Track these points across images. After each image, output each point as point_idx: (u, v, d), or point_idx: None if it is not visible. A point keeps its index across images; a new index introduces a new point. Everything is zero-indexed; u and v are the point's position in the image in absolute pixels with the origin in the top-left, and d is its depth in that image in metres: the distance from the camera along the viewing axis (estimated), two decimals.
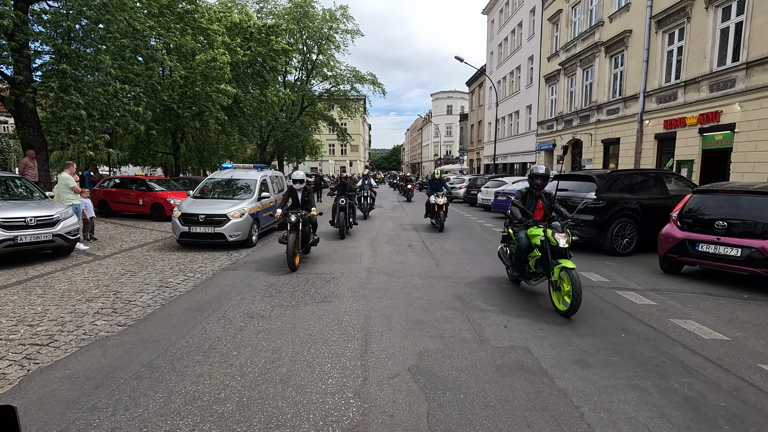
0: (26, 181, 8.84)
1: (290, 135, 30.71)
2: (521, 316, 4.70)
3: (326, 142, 60.06)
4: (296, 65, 31.29)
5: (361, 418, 2.75)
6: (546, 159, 25.80)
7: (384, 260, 7.78)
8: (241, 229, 8.74)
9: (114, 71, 12.16)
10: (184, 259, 7.76)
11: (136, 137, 19.90)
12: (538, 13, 26.88)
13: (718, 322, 4.52)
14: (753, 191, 5.89)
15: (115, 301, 5.25)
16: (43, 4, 12.66)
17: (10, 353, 3.74)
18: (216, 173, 11.14)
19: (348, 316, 4.71)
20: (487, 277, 6.50)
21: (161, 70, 16.78)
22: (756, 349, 3.82)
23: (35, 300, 5.23)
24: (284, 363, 3.54)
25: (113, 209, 14.23)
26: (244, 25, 20.25)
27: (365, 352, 3.77)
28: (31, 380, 3.27)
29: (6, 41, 10.99)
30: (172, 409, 2.84)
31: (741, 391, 3.09)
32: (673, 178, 9.39)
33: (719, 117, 12.94)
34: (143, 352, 3.76)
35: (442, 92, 75.58)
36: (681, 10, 14.43)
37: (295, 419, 2.73)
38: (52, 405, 2.91)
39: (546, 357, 3.65)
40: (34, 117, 12.25)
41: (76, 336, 4.14)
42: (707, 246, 5.98)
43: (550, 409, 2.84)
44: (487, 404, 2.90)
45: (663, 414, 2.78)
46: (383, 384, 3.19)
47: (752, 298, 5.41)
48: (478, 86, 42.81)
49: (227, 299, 5.35)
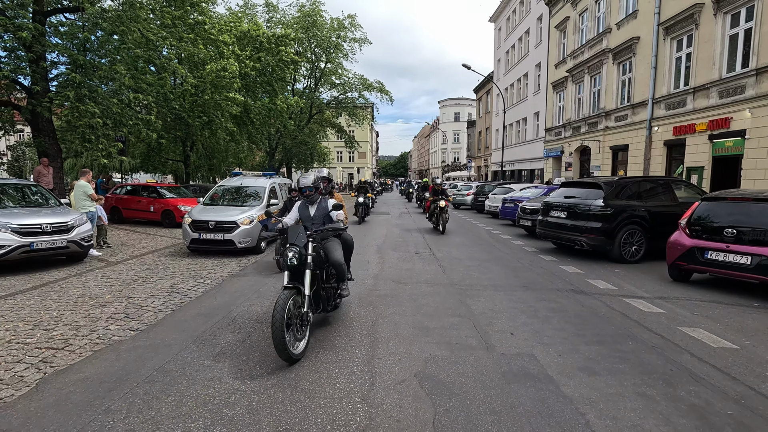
0: (42, 188, 9.05)
1: (298, 142, 31.01)
2: (528, 324, 4.71)
3: (334, 149, 60.37)
4: (305, 73, 31.65)
5: (368, 423, 2.79)
6: (554, 165, 25.73)
7: (391, 267, 7.82)
8: (250, 236, 8.85)
9: (128, 81, 12.44)
10: (194, 266, 7.88)
11: (147, 145, 20.26)
12: (545, 20, 26.97)
13: (728, 331, 4.49)
14: (762, 198, 5.85)
15: (128, 306, 5.36)
16: (60, 16, 13.04)
17: (27, 356, 3.84)
18: (226, 180, 11.31)
19: (355, 323, 4.76)
20: (494, 285, 6.51)
21: (173, 79, 17.12)
22: (765, 358, 3.80)
23: (50, 305, 5.36)
24: (292, 368, 3.60)
25: (125, 216, 14.49)
26: (254, 35, 20.58)
27: (372, 357, 3.82)
28: (48, 383, 3.36)
29: (24, 53, 11.32)
30: (183, 412, 2.91)
31: (749, 399, 3.08)
32: (682, 185, 9.34)
33: (729, 123, 12.87)
34: (155, 357, 3.84)
35: (450, 99, 75.83)
36: (689, 16, 14.42)
37: (304, 423, 2.78)
38: (68, 407, 2.99)
39: (552, 364, 3.66)
40: (49, 126, 12.56)
41: (90, 340, 4.24)
42: (716, 254, 5.95)
43: (555, 415, 2.86)
44: (492, 410, 2.93)
45: (669, 422, 2.78)
46: (390, 389, 3.23)
47: (762, 307, 5.36)
48: (486, 93, 42.90)
49: (236, 305, 5.43)
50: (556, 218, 9.13)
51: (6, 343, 4.12)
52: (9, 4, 11.09)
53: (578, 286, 6.42)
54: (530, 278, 6.95)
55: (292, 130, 27.66)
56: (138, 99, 13.43)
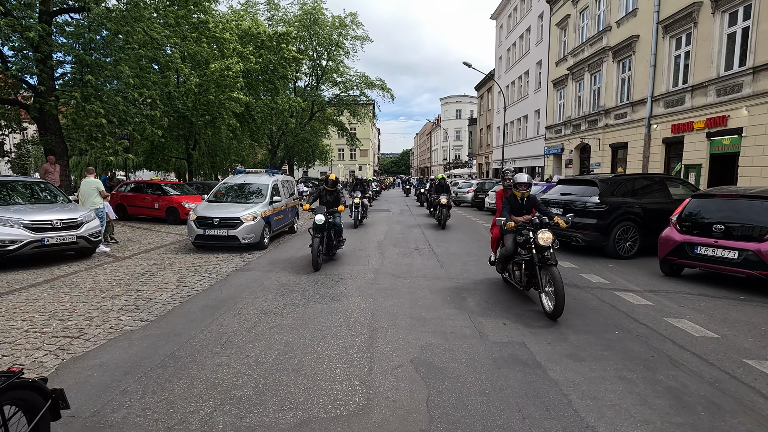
0: (50, 186, 9.28)
1: (300, 140, 31.22)
2: (521, 315, 4.92)
3: (336, 147, 60.55)
4: (306, 71, 31.83)
5: (366, 403, 3.01)
6: (554, 163, 25.87)
7: (391, 262, 8.04)
8: (254, 232, 9.07)
9: (132, 80, 12.65)
10: (199, 261, 8.11)
11: (151, 143, 20.50)
12: (546, 18, 27.05)
13: (711, 321, 4.70)
14: (750, 195, 6.04)
15: (137, 298, 5.59)
16: (66, 16, 13.25)
17: (45, 344, 4.07)
18: (229, 178, 11.53)
19: (356, 314, 4.98)
20: (490, 279, 6.72)
21: (177, 78, 17.33)
22: (744, 346, 4.00)
23: (63, 297, 5.59)
24: (296, 355, 3.82)
25: (130, 213, 14.72)
26: (255, 32, 20.76)
27: (371, 345, 4.04)
28: (66, 368, 3.59)
29: (32, 53, 11.53)
30: (194, 393, 3.13)
31: (722, 382, 3.29)
32: (677, 182, 9.51)
33: (726, 121, 13.00)
34: (166, 344, 4.06)
35: (451, 97, 75.83)
36: (688, 15, 14.53)
37: (306, 403, 3.00)
38: (87, 389, 3.22)
39: (541, 351, 3.88)
40: (56, 124, 12.79)
41: (104, 330, 4.46)
42: (705, 249, 6.14)
43: (540, 396, 3.08)
44: (482, 392, 3.15)
45: (645, 401, 3.00)
46: (387, 373, 3.45)
47: (748, 300, 5.55)
48: (487, 91, 42.99)
49: (241, 297, 5.66)
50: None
51: (24, 332, 4.35)
52: (16, 5, 11.29)
53: (572, 280, 6.62)
54: None
55: (293, 128, 27.88)
56: (143, 94, 13.62)
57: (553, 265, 4.71)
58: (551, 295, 4.69)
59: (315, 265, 7.21)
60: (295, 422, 2.77)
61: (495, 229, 6.18)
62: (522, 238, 5.30)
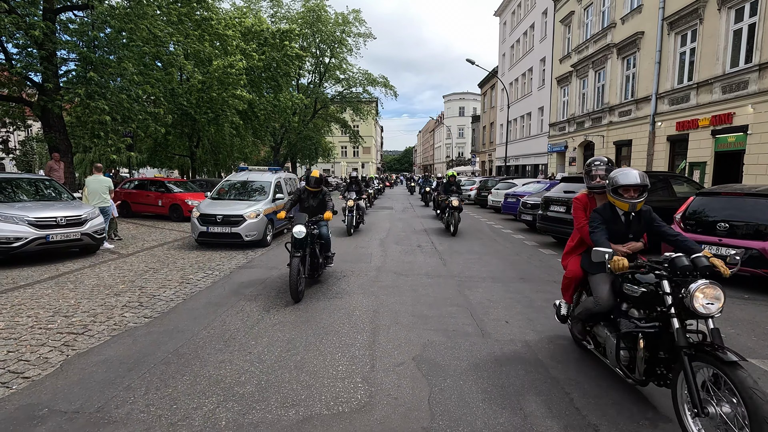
0: (55, 183, 9.34)
1: (303, 137, 31.24)
2: (523, 313, 4.91)
3: (338, 144, 60.60)
4: (309, 68, 31.82)
5: (368, 400, 3.02)
6: (558, 161, 25.78)
7: (393, 260, 8.04)
8: (257, 230, 9.10)
9: (136, 78, 12.68)
10: (202, 258, 8.14)
11: (154, 140, 20.56)
12: (550, 14, 26.90)
13: (715, 320, 4.66)
14: (755, 193, 6.01)
15: (141, 295, 5.62)
16: (70, 13, 13.28)
17: (50, 340, 4.10)
18: (232, 175, 11.55)
19: (358, 311, 4.99)
20: (493, 277, 6.71)
21: (180, 75, 17.35)
22: (747, 345, 3.99)
23: (68, 294, 5.63)
24: (298, 352, 3.83)
25: (133, 210, 14.79)
26: (258, 30, 20.75)
27: (373, 343, 4.05)
28: (71, 364, 3.62)
29: (36, 50, 11.57)
30: (198, 390, 3.15)
31: None
32: (681, 180, 9.46)
33: (732, 119, 12.91)
34: (169, 341, 4.09)
35: (455, 94, 75.66)
36: (693, 11, 14.41)
37: (309, 400, 3.02)
38: (91, 384, 3.24)
39: (543, 350, 3.87)
40: (60, 122, 12.84)
41: (108, 326, 4.49)
42: (709, 247, 6.10)
43: (542, 394, 3.08)
44: (484, 389, 3.15)
45: (648, 402, 2.99)
46: (389, 371, 3.46)
47: (752, 299, 5.53)
48: (490, 88, 42.83)
49: (244, 295, 5.68)
50: (556, 213, 9.30)
51: (29, 328, 4.38)
52: (20, 2, 11.33)
53: None
54: (528, 271, 7.15)
55: (296, 126, 27.89)
56: (146, 91, 13.65)
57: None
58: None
59: (294, 294, 5.20)
60: (297, 419, 2.78)
61: (572, 262, 3.67)
62: (638, 289, 2.87)
